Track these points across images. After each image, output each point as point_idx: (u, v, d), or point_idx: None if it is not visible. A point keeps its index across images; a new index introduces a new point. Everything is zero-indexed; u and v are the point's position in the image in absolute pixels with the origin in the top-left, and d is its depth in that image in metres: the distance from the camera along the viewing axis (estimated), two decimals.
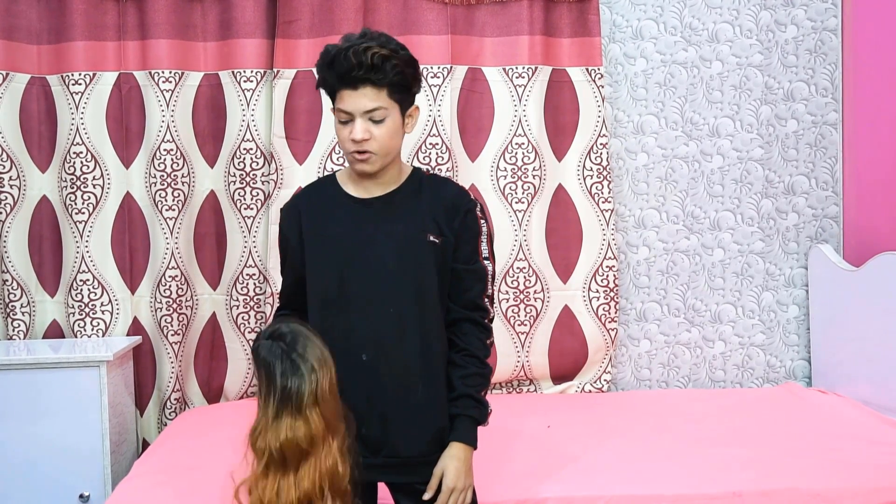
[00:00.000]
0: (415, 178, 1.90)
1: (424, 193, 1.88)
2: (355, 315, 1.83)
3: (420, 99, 2.23)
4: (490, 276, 1.90)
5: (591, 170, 3.41)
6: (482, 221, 1.90)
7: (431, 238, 1.84)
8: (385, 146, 1.80)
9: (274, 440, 1.68)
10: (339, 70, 1.75)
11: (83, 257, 3.26)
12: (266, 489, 1.69)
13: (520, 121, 3.37)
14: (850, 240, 3.46)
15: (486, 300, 1.90)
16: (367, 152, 1.79)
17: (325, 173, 2.90)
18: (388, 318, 1.82)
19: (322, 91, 1.85)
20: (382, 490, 1.96)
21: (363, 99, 1.75)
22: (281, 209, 1.98)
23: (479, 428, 1.89)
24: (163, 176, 3.26)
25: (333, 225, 1.86)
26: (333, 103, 1.82)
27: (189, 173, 3.31)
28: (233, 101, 3.30)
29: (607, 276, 3.43)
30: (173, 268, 3.28)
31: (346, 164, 1.93)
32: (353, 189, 1.88)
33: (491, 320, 1.91)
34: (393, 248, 1.83)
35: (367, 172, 1.83)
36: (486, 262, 1.90)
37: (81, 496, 2.87)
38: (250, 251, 3.32)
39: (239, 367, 3.36)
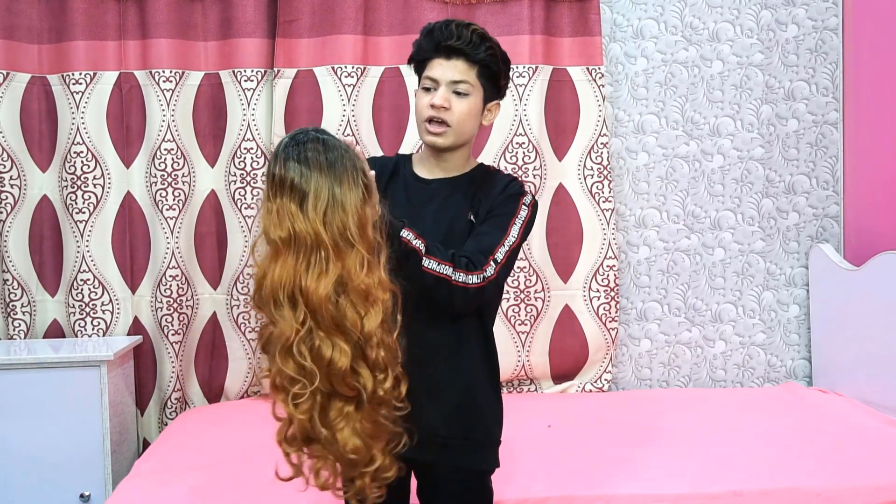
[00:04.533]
0: (477, 170, 1.89)
1: (479, 182, 1.86)
2: None
3: None
4: (507, 248, 1.76)
5: (592, 169, 3.41)
6: (524, 208, 1.82)
7: (471, 217, 1.81)
8: (462, 122, 1.79)
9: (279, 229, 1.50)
10: (438, 38, 1.79)
11: (84, 257, 3.26)
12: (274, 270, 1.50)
13: (520, 120, 3.37)
14: (850, 239, 3.46)
15: (491, 260, 1.73)
16: (443, 123, 1.78)
17: None
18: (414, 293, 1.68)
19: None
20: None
21: (452, 70, 1.78)
22: (373, 158, 1.91)
23: None
24: (163, 175, 3.27)
25: (390, 196, 1.77)
26: (420, 78, 1.83)
27: (189, 173, 3.31)
28: (233, 101, 3.30)
29: (608, 275, 3.43)
30: (174, 267, 3.28)
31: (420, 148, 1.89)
32: (419, 169, 1.87)
33: (485, 279, 1.71)
34: (433, 228, 1.77)
35: (439, 146, 1.81)
36: (511, 237, 1.78)
37: (82, 496, 2.87)
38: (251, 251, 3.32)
39: (239, 367, 3.36)
